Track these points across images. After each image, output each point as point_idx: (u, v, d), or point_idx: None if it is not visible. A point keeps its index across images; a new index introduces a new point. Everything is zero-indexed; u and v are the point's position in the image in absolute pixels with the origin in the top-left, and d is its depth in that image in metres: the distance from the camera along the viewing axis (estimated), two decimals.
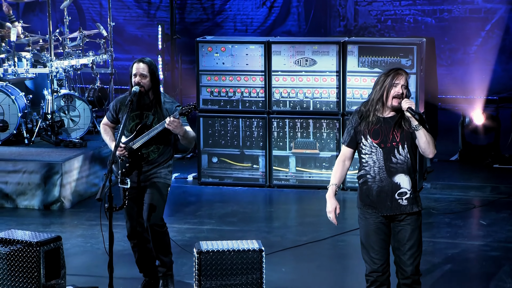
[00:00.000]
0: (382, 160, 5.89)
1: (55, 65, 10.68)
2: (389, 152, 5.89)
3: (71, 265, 7.42)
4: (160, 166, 6.94)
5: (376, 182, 5.91)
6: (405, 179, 5.90)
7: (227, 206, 9.83)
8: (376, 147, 5.90)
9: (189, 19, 16.32)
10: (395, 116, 5.91)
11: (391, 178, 5.88)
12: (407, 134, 5.89)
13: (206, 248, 6.63)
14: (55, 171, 9.67)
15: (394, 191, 5.89)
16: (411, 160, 5.90)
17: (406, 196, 5.91)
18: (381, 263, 5.95)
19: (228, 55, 10.43)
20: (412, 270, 5.94)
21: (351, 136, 5.99)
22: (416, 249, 5.94)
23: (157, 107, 6.87)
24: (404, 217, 5.95)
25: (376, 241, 5.95)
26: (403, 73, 5.90)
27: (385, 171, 5.89)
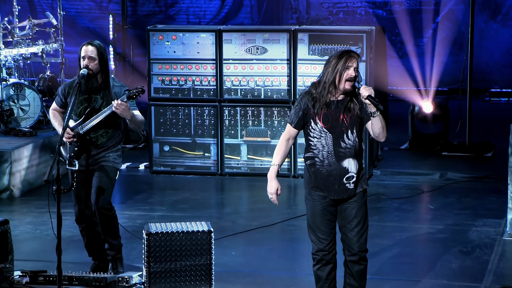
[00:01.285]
0: (331, 145, 5.89)
1: (3, 53, 10.60)
2: (338, 137, 5.90)
3: (20, 251, 7.38)
4: (109, 150, 6.93)
5: (325, 166, 5.92)
6: (352, 163, 5.92)
7: (178, 193, 9.84)
8: (325, 132, 5.89)
9: (141, 12, 16.28)
10: (344, 100, 5.89)
11: (339, 162, 5.90)
12: (356, 119, 5.90)
13: (155, 230, 6.65)
14: (4, 159, 9.60)
15: (342, 175, 5.91)
16: (359, 144, 5.94)
17: (353, 180, 5.92)
18: (327, 243, 6.00)
19: (179, 44, 10.43)
20: (359, 246, 5.98)
21: (299, 117, 5.95)
22: (362, 225, 5.99)
23: (106, 91, 6.85)
24: (351, 197, 6.00)
25: (322, 222, 5.99)
26: (355, 55, 5.87)
27: (334, 155, 5.90)
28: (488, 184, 10.04)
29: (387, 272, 7.28)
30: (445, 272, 7.25)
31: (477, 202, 9.32)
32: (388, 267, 7.39)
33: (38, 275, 6.72)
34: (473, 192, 9.70)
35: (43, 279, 6.70)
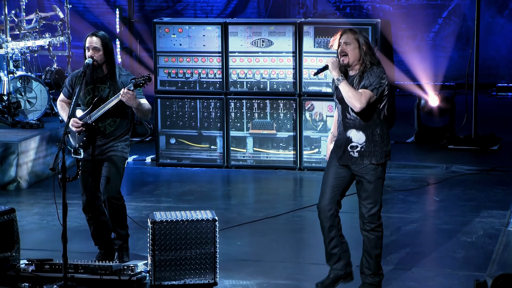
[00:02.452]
0: (341, 116, 6.41)
1: (10, 46, 10.65)
2: (345, 108, 6.36)
3: (27, 241, 7.43)
4: (117, 140, 6.96)
5: (338, 134, 6.46)
6: (357, 134, 6.34)
7: (184, 185, 9.88)
8: (337, 103, 6.43)
9: (149, 7, 16.32)
10: (355, 74, 6.31)
11: (345, 132, 6.37)
12: None
13: (160, 218, 6.69)
14: (12, 151, 9.65)
15: (346, 144, 6.36)
16: (361, 118, 6.29)
17: (357, 149, 6.33)
18: (324, 200, 6.42)
19: (185, 36, 10.46)
20: (367, 218, 6.44)
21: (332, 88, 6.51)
22: (370, 200, 6.38)
23: (112, 80, 6.90)
24: (360, 169, 6.31)
25: (328, 179, 6.44)
26: (346, 30, 6.34)
27: (342, 125, 6.40)
28: (493, 176, 10.05)
29: (391, 262, 7.30)
30: (450, 262, 7.28)
31: (482, 194, 9.32)
32: (393, 257, 7.41)
33: (44, 263, 6.76)
34: (478, 184, 9.70)
35: (49, 267, 6.73)
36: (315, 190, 9.75)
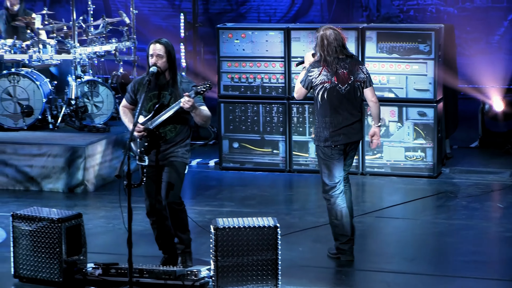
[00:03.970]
0: None
1: (78, 51, 10.88)
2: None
3: (93, 244, 7.58)
4: (177, 145, 7.09)
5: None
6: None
7: (247, 189, 9.97)
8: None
9: (213, 10, 16.47)
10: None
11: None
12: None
13: (223, 225, 6.78)
14: (79, 155, 9.86)
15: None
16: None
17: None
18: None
19: (248, 42, 10.56)
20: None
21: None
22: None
23: (174, 87, 7.02)
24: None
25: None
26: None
27: None
28: None
29: (454, 270, 7.28)
30: None
31: None
32: (455, 265, 7.40)
33: (110, 267, 6.92)
34: None
35: (115, 271, 6.89)
36: (377, 195, 9.81)
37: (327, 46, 7.32)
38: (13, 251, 6.96)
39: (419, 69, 10.20)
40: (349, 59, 7.41)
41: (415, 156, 10.32)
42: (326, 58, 7.33)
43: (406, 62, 10.21)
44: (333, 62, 7.32)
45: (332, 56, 7.32)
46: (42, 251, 6.88)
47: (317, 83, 7.34)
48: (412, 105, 10.27)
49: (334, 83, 7.33)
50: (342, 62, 7.35)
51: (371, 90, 7.45)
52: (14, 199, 9.53)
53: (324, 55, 7.33)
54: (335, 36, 7.33)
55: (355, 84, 7.39)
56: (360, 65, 7.47)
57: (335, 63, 7.32)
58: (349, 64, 7.37)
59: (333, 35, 7.33)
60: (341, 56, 7.36)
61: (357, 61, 7.54)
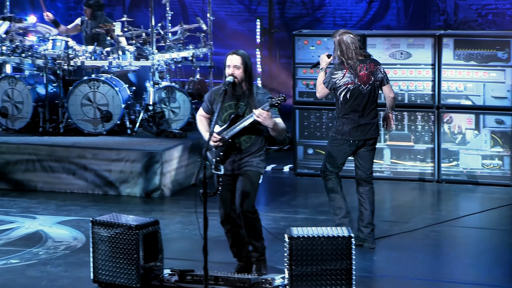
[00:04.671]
0: None
1: (156, 58, 11.05)
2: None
3: (169, 250, 7.69)
4: (252, 155, 7.16)
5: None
6: None
7: (322, 196, 9.95)
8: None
9: (289, 14, 16.52)
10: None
11: None
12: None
13: (297, 234, 6.82)
14: (156, 160, 10.03)
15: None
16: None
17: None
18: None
19: (323, 48, 10.58)
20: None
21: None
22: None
23: (250, 98, 7.09)
24: None
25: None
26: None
27: None
28: None
29: None
30: None
31: None
32: None
33: (186, 274, 7.03)
34: None
35: (191, 278, 6.99)
36: (453, 203, 9.73)
37: (346, 51, 7.91)
38: (92, 256, 7.13)
39: (497, 76, 10.09)
40: (368, 59, 8.03)
41: (492, 164, 10.21)
42: (348, 62, 7.91)
43: (483, 69, 10.11)
44: (354, 64, 7.91)
45: (353, 59, 7.91)
46: (120, 257, 7.02)
47: (340, 85, 7.96)
48: (489, 112, 10.17)
49: (357, 84, 7.95)
50: (362, 63, 7.96)
51: (388, 87, 8.13)
52: (93, 204, 9.74)
53: (345, 60, 7.92)
54: (352, 39, 7.92)
55: (375, 84, 8.03)
56: (378, 65, 8.07)
57: (356, 65, 7.92)
58: (368, 65, 7.98)
59: (350, 39, 7.92)
60: (360, 58, 7.95)
61: (375, 61, 8.10)
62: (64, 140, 10.60)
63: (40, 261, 7.79)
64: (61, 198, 9.93)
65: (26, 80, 11.10)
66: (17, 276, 7.40)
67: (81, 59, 11.02)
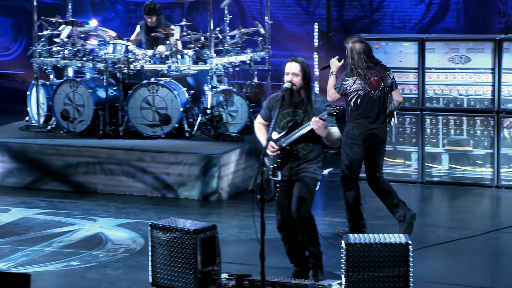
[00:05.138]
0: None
1: (215, 62, 11.13)
2: None
3: (227, 254, 7.74)
4: (309, 162, 7.18)
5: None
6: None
7: (378, 201, 9.88)
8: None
9: (347, 17, 16.49)
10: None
11: None
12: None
13: (354, 240, 6.82)
14: (214, 164, 10.10)
15: None
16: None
17: None
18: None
19: (382, 52, 10.55)
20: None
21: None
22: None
23: (308, 106, 7.11)
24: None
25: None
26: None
27: None
28: None
29: None
30: None
31: None
32: None
33: (243, 279, 7.07)
34: None
35: (248, 283, 7.03)
36: None
37: (357, 59, 8.23)
38: (151, 260, 7.22)
39: None
40: (378, 66, 8.34)
41: None
42: (357, 70, 8.24)
43: None
44: (365, 72, 8.23)
45: (363, 67, 8.23)
46: (178, 261, 7.10)
47: (351, 91, 8.29)
48: None
49: (367, 90, 8.28)
50: (372, 70, 8.28)
51: (397, 91, 8.52)
52: (152, 206, 9.85)
53: (355, 68, 8.24)
54: (363, 48, 8.24)
55: (385, 89, 8.35)
56: (387, 71, 8.40)
57: (366, 72, 8.23)
58: (378, 71, 8.31)
59: (362, 48, 8.24)
60: (370, 65, 8.26)
61: (384, 67, 8.42)
62: (123, 143, 10.74)
63: (100, 263, 7.92)
64: (120, 200, 10.07)
65: (87, 83, 11.27)
66: (77, 279, 7.54)
67: (140, 63, 11.15)
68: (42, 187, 10.54)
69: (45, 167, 10.58)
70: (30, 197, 10.17)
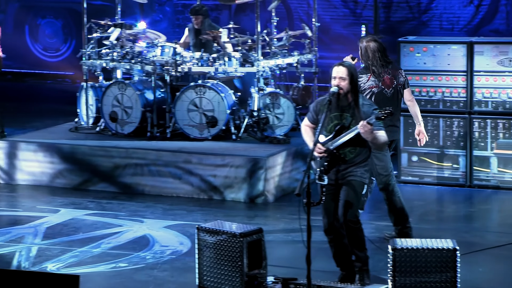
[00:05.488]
0: None
1: (262, 64, 11.16)
2: None
3: (273, 257, 7.76)
4: (356, 166, 7.18)
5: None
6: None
7: (426, 204, 9.91)
8: None
9: (394, 18, 16.40)
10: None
11: None
12: None
13: (401, 245, 6.81)
14: (260, 166, 10.13)
15: None
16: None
17: None
18: None
19: (429, 55, 10.50)
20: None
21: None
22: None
23: (355, 109, 7.11)
24: None
25: None
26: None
27: None
28: None
29: None
30: None
31: None
32: None
33: (289, 282, 7.09)
34: None
35: (294, 287, 7.05)
36: None
37: (372, 58, 8.43)
38: (197, 262, 7.27)
39: None
40: (390, 64, 8.49)
41: None
42: (372, 67, 8.41)
43: None
44: (379, 70, 8.38)
45: (378, 65, 8.40)
46: (225, 264, 7.14)
47: (365, 88, 8.41)
48: None
49: (381, 88, 8.43)
50: (385, 68, 8.44)
51: (408, 90, 8.60)
52: (199, 208, 9.91)
53: (369, 65, 8.43)
54: (378, 47, 8.44)
55: (398, 87, 8.49)
56: (399, 70, 8.60)
57: (380, 70, 8.40)
58: (391, 70, 8.49)
59: (376, 46, 8.44)
60: (383, 63, 8.43)
61: (396, 66, 8.64)
62: (170, 145, 10.82)
63: (147, 265, 8.00)
64: (167, 202, 10.15)
65: (135, 85, 11.37)
66: (125, 280, 7.62)
67: (188, 65, 11.22)
68: (90, 188, 10.67)
69: (94, 168, 10.71)
70: (79, 198, 10.29)
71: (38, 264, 7.99)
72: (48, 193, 10.54)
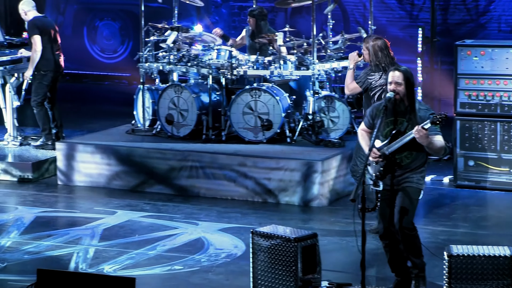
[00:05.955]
0: None
1: (317, 67, 11.16)
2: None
3: (327, 261, 7.76)
4: (413, 171, 7.15)
5: None
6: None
7: (482, 210, 9.82)
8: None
9: (451, 20, 16.25)
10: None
11: None
12: None
13: (457, 252, 6.77)
14: (314, 170, 10.13)
15: None
16: None
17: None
18: None
19: (487, 59, 10.40)
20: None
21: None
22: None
23: (412, 114, 7.08)
24: None
25: None
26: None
27: None
28: None
29: None
30: None
31: None
32: None
33: (344, 287, 7.09)
34: None
35: None
36: None
37: (381, 56, 8.67)
38: (252, 266, 7.31)
39: None
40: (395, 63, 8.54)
41: None
42: (382, 65, 8.62)
43: None
44: (389, 67, 8.30)
45: (387, 62, 8.60)
46: (279, 268, 7.17)
47: (376, 85, 8.68)
48: None
49: None
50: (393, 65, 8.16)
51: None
52: (253, 211, 9.95)
53: (380, 63, 8.64)
54: (384, 44, 8.71)
55: None
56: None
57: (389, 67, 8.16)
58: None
59: (384, 44, 8.72)
60: (391, 60, 8.65)
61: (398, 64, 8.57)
62: (226, 147, 10.88)
63: (202, 268, 8.06)
64: (222, 205, 10.20)
65: (191, 88, 11.45)
66: (180, 283, 7.69)
67: (243, 68, 11.27)
68: (146, 190, 10.78)
69: (150, 171, 10.81)
70: (135, 200, 10.40)
71: (95, 265, 8.11)
72: (105, 194, 10.68)
